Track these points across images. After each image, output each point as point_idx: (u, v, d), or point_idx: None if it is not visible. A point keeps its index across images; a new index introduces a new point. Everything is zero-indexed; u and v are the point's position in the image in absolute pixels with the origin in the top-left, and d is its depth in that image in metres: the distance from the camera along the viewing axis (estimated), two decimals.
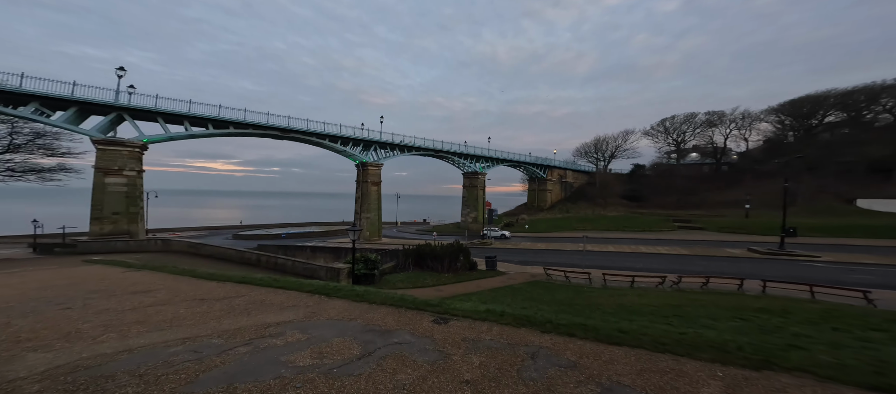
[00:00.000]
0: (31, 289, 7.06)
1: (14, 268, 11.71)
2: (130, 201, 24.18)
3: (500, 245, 31.97)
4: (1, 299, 5.93)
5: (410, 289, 13.79)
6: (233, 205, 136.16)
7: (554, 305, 9.22)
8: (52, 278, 8.52)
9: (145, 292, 6.51)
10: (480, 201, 52.79)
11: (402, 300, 6.09)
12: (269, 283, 7.67)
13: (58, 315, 4.58)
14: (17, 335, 3.64)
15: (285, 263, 16.67)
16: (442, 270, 17.25)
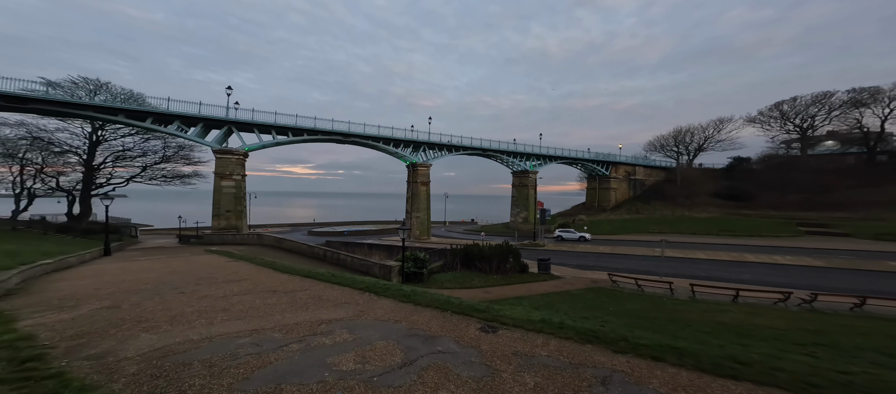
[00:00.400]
0: (165, 273, 8.92)
1: (162, 255, 15.17)
2: (237, 201, 29.53)
3: (554, 247, 29.71)
4: (146, 281, 7.57)
5: (457, 289, 13.34)
6: (308, 204, 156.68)
7: (624, 317, 7.90)
8: (180, 265, 10.73)
9: (236, 281, 7.62)
10: (531, 201, 50.05)
11: (448, 303, 5.84)
12: (328, 278, 8.26)
13: (172, 299, 5.57)
14: (141, 315, 4.49)
15: (345, 259, 18.13)
16: (490, 272, 16.72)
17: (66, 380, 2.27)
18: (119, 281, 7.44)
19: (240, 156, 29.38)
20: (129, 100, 26.00)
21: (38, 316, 4.25)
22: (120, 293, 5.98)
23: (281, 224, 51.64)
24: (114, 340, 3.43)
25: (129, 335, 3.59)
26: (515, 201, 53.34)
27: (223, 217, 28.77)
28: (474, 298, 10.66)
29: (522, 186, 51.84)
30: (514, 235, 34.56)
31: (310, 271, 9.33)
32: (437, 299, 6.10)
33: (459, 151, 46.74)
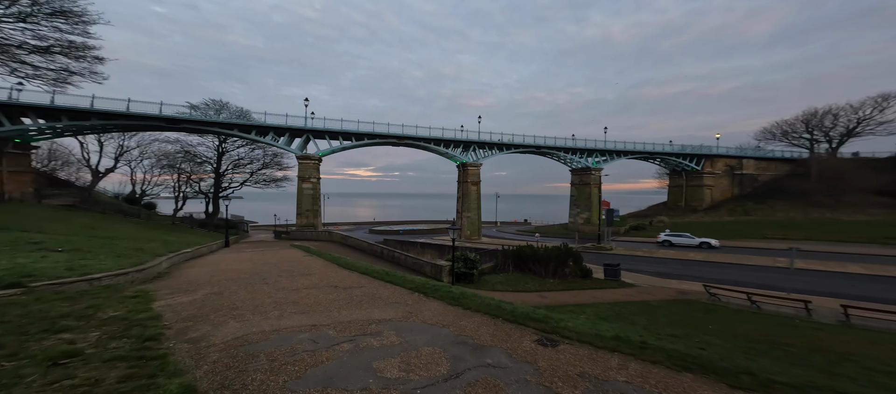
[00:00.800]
0: (259, 264, 10.60)
1: (260, 248, 18.23)
2: (314, 201, 34.08)
3: (626, 251, 26.13)
4: (244, 271, 9.04)
5: (509, 292, 12.79)
6: (368, 204, 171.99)
7: (733, 340, 6.24)
8: (270, 258, 12.71)
9: (307, 275, 8.56)
10: (595, 200, 45.15)
11: (499, 309, 5.41)
12: (382, 276, 8.61)
13: (258, 289, 6.46)
14: (234, 303, 5.29)
15: (400, 257, 19.02)
16: (546, 275, 15.56)
17: (166, 363, 2.65)
18: (228, 270, 9.06)
19: (315, 161, 33.78)
20: (240, 116, 32.15)
21: (169, 297, 5.35)
22: (225, 281, 7.24)
23: (347, 223, 57.54)
24: (210, 325, 4.01)
25: (220, 321, 4.18)
26: (575, 201, 48.71)
27: (304, 215, 33.47)
28: (528, 302, 9.92)
29: (583, 185, 47.03)
30: (574, 237, 31.53)
31: (367, 268, 9.94)
32: (487, 304, 5.71)
33: (511, 150, 44.95)
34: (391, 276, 8.68)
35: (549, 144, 45.94)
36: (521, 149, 45.51)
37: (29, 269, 5.45)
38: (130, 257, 8.46)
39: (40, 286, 4.77)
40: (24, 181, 25.28)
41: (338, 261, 11.60)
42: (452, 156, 41.28)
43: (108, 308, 4.18)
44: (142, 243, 12.37)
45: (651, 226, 41.37)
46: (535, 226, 58.44)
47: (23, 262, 5.98)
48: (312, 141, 33.94)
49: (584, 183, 46.96)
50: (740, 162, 48.61)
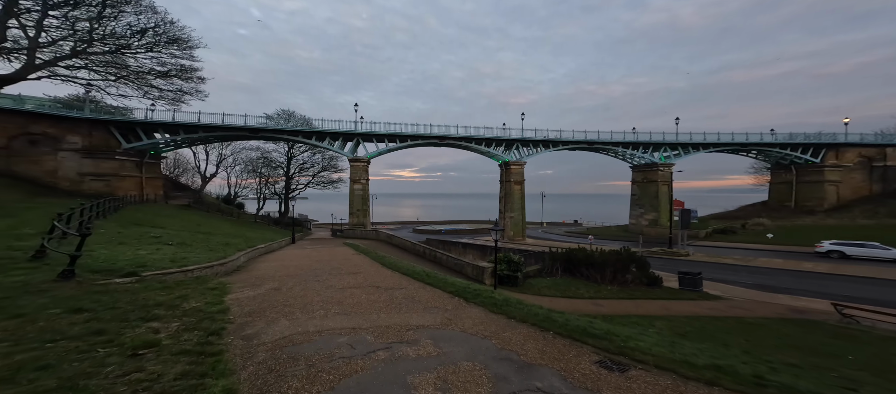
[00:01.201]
0: (314, 261, 11.53)
1: (318, 245, 20.15)
2: (364, 202, 36.68)
3: (709, 258, 22.16)
4: (302, 268, 9.92)
5: (558, 298, 11.90)
6: (412, 204, 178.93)
7: None
8: (324, 256, 13.83)
9: (353, 274, 8.99)
10: (663, 200, 39.48)
11: (550, 321, 4.79)
12: (422, 277, 8.55)
13: (310, 287, 6.92)
14: (287, 300, 5.71)
15: (441, 257, 19.04)
16: (602, 281, 14.08)
17: (218, 361, 2.81)
18: (289, 266, 10.05)
19: (364, 162, 36.25)
20: (303, 124, 36.23)
21: (238, 291, 6.03)
22: (285, 277, 7.98)
23: (392, 222, 60.56)
24: (264, 321, 4.30)
25: (273, 319, 4.47)
26: (637, 200, 43.21)
27: (355, 215, 36.20)
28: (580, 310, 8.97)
29: (648, 182, 41.45)
30: (637, 240, 27.73)
31: (408, 269, 10.04)
32: (534, 314, 5.13)
33: (558, 147, 41.87)
34: (431, 277, 8.56)
35: (605, 139, 41.45)
36: (569, 145, 42.00)
37: (145, 260, 6.75)
38: (218, 252, 9.97)
39: (149, 276, 5.81)
40: (157, 185, 32.48)
41: (382, 260, 12.02)
42: (494, 155, 40.14)
43: (191, 299, 4.82)
44: (229, 239, 14.62)
45: (745, 229, 34.21)
46: (586, 227, 53.45)
47: (142, 253, 7.48)
48: (361, 144, 36.45)
49: (648, 180, 41.21)
50: (883, 151, 37.08)
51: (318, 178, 45.15)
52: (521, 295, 14.35)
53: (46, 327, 3.07)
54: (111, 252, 6.99)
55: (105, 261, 6.05)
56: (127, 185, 28.06)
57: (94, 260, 6.04)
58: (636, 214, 42.23)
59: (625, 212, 46.90)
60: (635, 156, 41.43)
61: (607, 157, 44.35)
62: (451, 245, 34.95)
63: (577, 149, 43.23)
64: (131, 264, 6.12)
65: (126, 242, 8.46)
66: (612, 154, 43.01)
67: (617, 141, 41.06)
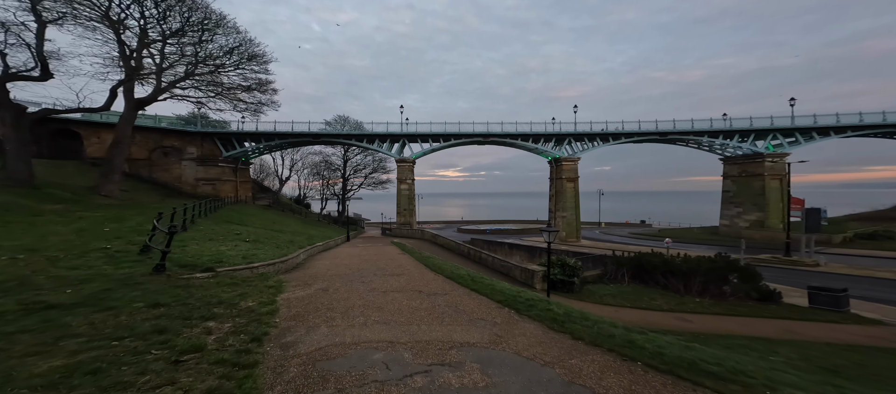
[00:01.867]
0: (362, 261, 11.77)
1: (368, 244, 21.22)
2: (410, 201, 37.95)
3: (849, 270, 17.07)
4: (350, 267, 10.24)
5: (626, 308, 10.60)
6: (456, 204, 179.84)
7: None
8: (372, 255, 14.18)
9: (397, 275, 8.85)
10: (772, 197, 32.03)
11: (634, 346, 3.73)
12: (467, 282, 7.92)
13: (354, 289, 6.91)
14: (331, 303, 5.70)
15: (486, 259, 18.17)
16: (687, 292, 12.02)
17: (249, 376, 2.64)
18: (340, 265, 10.49)
19: (410, 163, 37.40)
20: (356, 128, 39.13)
21: (291, 290, 6.29)
22: (334, 276, 8.24)
23: (437, 221, 61.45)
24: (305, 328, 4.21)
25: (314, 325, 4.36)
26: (732, 198, 35.71)
27: (402, 214, 37.64)
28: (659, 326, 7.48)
29: (749, 177, 34.00)
30: (736, 245, 22.44)
31: (453, 272, 9.54)
32: (609, 334, 4.08)
33: (620, 140, 36.99)
34: (477, 283, 7.88)
35: (684, 128, 35.12)
36: (635, 138, 36.70)
37: (223, 256, 7.64)
38: (283, 249, 10.98)
39: (223, 271, 6.46)
40: (247, 188, 38.78)
41: (427, 261, 11.79)
42: (543, 151, 37.32)
43: (249, 297, 5.08)
44: (294, 236, 16.26)
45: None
46: (658, 228, 46.01)
47: (222, 250, 8.54)
48: (407, 145, 37.65)
49: (748, 174, 33.65)
50: None
51: (369, 179, 48.57)
52: (578, 303, 12.73)
53: (124, 322, 3.37)
54: (200, 248, 8.14)
55: (192, 256, 7.01)
56: (227, 188, 34.14)
57: (185, 255, 7.05)
58: (731, 215, 34.64)
59: (709, 211, 38.93)
60: (728, 146, 33.95)
61: (687, 148, 37.45)
62: (496, 246, 33.58)
63: (645, 141, 37.50)
64: (212, 260, 6.95)
65: (215, 239, 9.88)
66: (694, 145, 36.07)
67: (701, 130, 34.25)
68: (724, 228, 36.57)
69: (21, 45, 15.13)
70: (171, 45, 21.33)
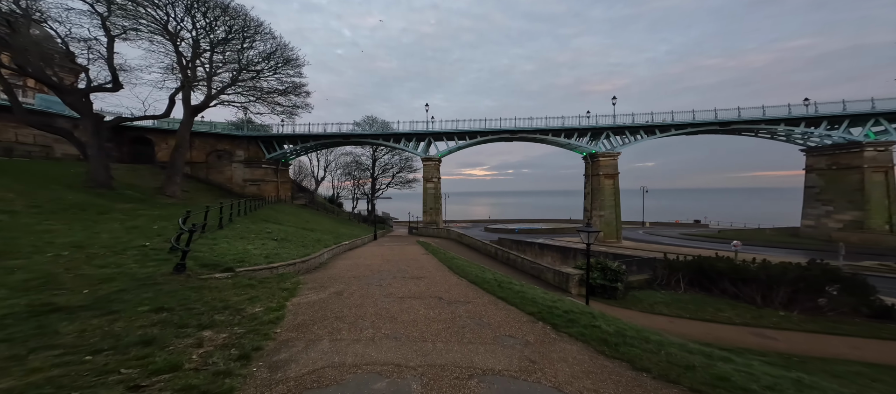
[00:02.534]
0: (383, 262, 11.25)
1: (392, 243, 21.08)
2: (436, 200, 37.64)
3: None
4: (371, 268, 9.88)
5: (685, 319, 9.29)
6: (483, 203, 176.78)
7: None
8: (394, 255, 13.66)
9: (417, 279, 8.25)
10: (876, 193, 26.85)
11: (730, 386, 2.68)
12: (494, 289, 7.06)
13: (370, 293, 6.44)
14: (341, 311, 5.24)
15: (515, 260, 16.98)
16: (765, 304, 10.57)
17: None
18: (361, 265, 10.25)
19: (436, 161, 37.01)
20: (384, 128, 39.76)
21: (305, 294, 5.99)
22: (352, 279, 7.90)
23: (464, 220, 60.64)
24: (304, 342, 3.73)
25: (316, 338, 3.87)
26: (818, 195, 30.30)
27: (428, 213, 37.46)
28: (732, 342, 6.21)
29: (842, 170, 28.74)
30: (831, 249, 18.40)
31: (477, 275, 8.73)
32: (687, 364, 3.10)
33: (668, 132, 32.97)
34: (505, 289, 6.99)
35: (752, 116, 30.29)
36: (687, 129, 32.46)
37: (247, 255, 7.70)
38: (308, 248, 11.06)
39: (242, 272, 6.40)
40: (286, 188, 41.59)
41: (450, 263, 11.11)
42: (577, 147, 34.53)
43: (259, 301, 4.80)
44: (323, 235, 16.63)
45: None
46: (716, 228, 40.35)
47: (249, 249, 8.69)
48: (433, 144, 37.30)
49: (843, 166, 28.16)
50: None
51: (396, 178, 49.41)
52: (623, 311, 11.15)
53: (116, 330, 3.16)
54: (228, 246, 8.36)
55: (218, 255, 7.12)
56: (269, 188, 36.91)
57: (212, 253, 7.20)
58: (817, 214, 29.07)
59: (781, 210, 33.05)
60: (812, 135, 28.37)
61: (752, 140, 32.11)
62: (525, 246, 31.83)
63: (702, 132, 32.95)
64: (235, 260, 7.00)
65: (246, 237, 10.23)
66: (765, 135, 30.86)
67: (775, 117, 29.09)
68: (808, 229, 30.52)
69: (99, 59, 17.41)
70: (217, 54, 23.27)
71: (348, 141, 39.97)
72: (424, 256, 12.84)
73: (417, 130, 36.59)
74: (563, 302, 6.44)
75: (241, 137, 35.62)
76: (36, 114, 22.38)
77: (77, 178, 17.13)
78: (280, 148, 37.10)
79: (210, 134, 35.33)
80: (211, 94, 23.48)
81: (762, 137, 33.37)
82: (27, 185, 13.19)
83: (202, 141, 34.90)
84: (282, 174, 40.09)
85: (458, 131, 36.18)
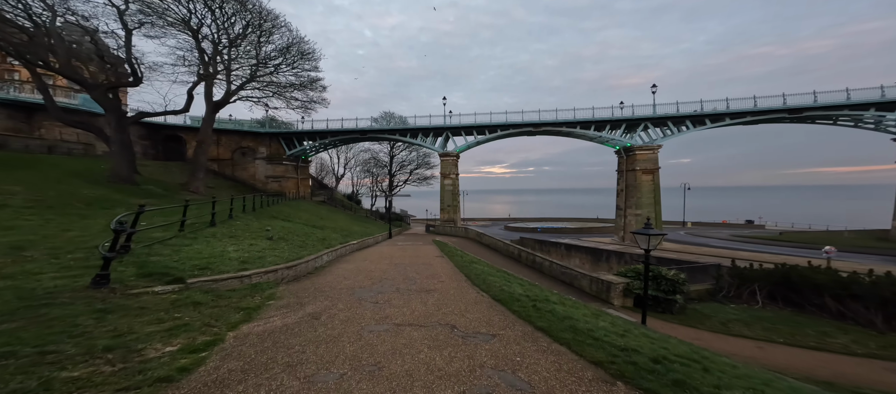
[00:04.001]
0: (390, 267, 9.26)
1: (405, 243, 19.22)
2: (454, 197, 35.79)
3: None
4: (372, 276, 8.26)
5: (779, 344, 7.22)
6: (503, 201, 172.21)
7: None
8: (406, 257, 11.59)
9: (427, 291, 6.44)
10: None
11: None
12: (529, 313, 4.99)
13: (355, 316, 4.70)
14: (317, 337, 3.56)
15: (542, 263, 14.68)
16: (889, 328, 7.70)
17: None
18: (361, 271, 8.60)
19: (454, 157, 35.09)
20: (401, 123, 38.41)
21: (268, 316, 4.39)
22: (343, 291, 6.27)
23: (482, 218, 58.25)
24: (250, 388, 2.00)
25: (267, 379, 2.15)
26: None
27: (445, 211, 35.70)
28: (865, 381, 4.37)
29: None
30: None
31: (503, 289, 6.76)
32: None
33: (722, 122, 28.83)
34: (543, 313, 4.96)
35: (829, 101, 25.61)
36: (746, 118, 28.28)
37: (218, 259, 6.28)
38: (307, 249, 9.65)
39: (198, 283, 4.92)
40: (306, 185, 41.81)
41: (469, 269, 9.21)
42: (609, 140, 31.02)
43: (182, 333, 3.25)
44: (330, 233, 15.39)
45: None
46: (776, 229, 34.90)
47: (228, 251, 7.30)
48: (451, 139, 35.43)
49: None
50: None
51: (414, 175, 48.20)
52: (688, 331, 8.73)
53: None
54: (202, 248, 6.91)
55: (178, 261, 5.62)
56: (289, 185, 37.12)
57: (172, 258, 5.74)
58: None
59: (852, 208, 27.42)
60: None
61: (805, 134, 27.12)
62: (550, 246, 29.09)
63: (763, 121, 28.37)
64: (198, 266, 5.57)
65: (236, 237, 8.95)
66: (846, 122, 25.70)
67: (865, 101, 24.20)
68: None
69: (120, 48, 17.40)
70: (236, 49, 23.06)
71: (365, 137, 39.20)
72: (439, 260, 11.04)
73: (434, 125, 34.91)
74: (643, 340, 4.32)
75: (264, 133, 36.05)
76: (77, 113, 23.53)
77: (103, 173, 17.35)
78: (299, 144, 37.13)
79: (235, 131, 36.13)
80: (230, 90, 23.38)
81: (843, 125, 27.77)
82: (46, 179, 13.18)
83: (228, 138, 35.75)
84: (302, 171, 40.28)
85: (476, 125, 34.02)
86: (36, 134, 24.74)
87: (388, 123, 39.02)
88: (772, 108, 26.63)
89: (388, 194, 48.21)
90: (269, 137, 36.25)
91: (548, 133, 34.62)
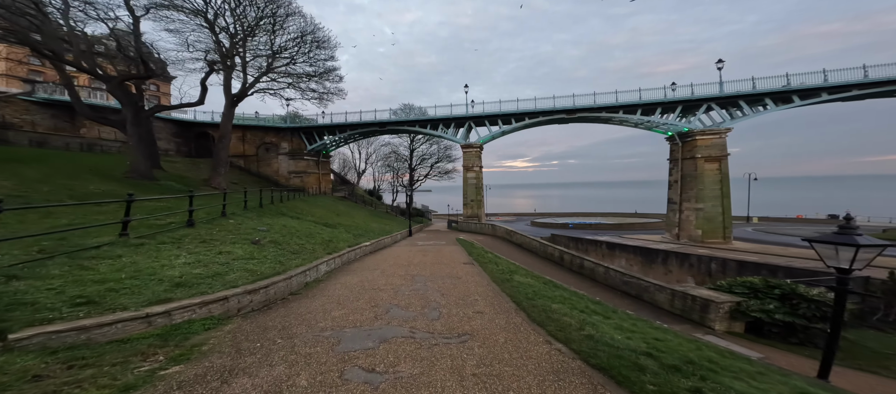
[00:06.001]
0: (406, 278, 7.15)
1: (426, 243, 16.42)
2: (477, 192, 32.84)
3: None
4: (375, 302, 5.86)
5: None
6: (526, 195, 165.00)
7: None
8: (427, 260, 9.44)
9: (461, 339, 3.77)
10: None
11: None
12: (632, 383, 2.28)
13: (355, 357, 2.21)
14: None
15: (595, 270, 11.50)
16: None
17: None
18: (364, 291, 6.19)
19: (477, 148, 31.96)
20: (421, 114, 35.98)
21: None
22: (324, 337, 3.85)
23: (506, 213, 54.61)
24: None
25: None
26: None
27: (469, 206, 32.90)
28: None
29: None
30: None
31: (583, 321, 3.96)
32: None
33: (818, 97, 23.46)
34: (663, 383, 2.09)
35: None
36: (852, 92, 22.37)
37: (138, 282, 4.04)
38: (299, 257, 7.46)
39: (43, 336, 2.65)
40: (327, 180, 41.14)
41: (512, 286, 6.48)
42: (661, 125, 26.18)
43: None
44: (342, 233, 13.32)
45: None
46: (877, 226, 27.99)
47: (170, 264, 5.06)
48: (474, 129, 32.34)
49: None
50: None
51: (435, 168, 45.87)
52: (867, 380, 5.55)
53: None
54: (133, 261, 4.77)
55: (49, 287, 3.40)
56: (311, 180, 36.48)
57: (40, 284, 3.53)
58: None
59: None
60: None
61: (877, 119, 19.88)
62: (588, 244, 25.28)
63: (873, 97, 22.18)
64: (81, 297, 3.35)
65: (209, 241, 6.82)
66: None
67: None
68: None
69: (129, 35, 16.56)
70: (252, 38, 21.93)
71: (385, 129, 37.35)
72: (467, 268, 8.40)
73: (456, 114, 32.02)
74: None
75: (286, 129, 35.51)
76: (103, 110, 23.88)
77: (122, 169, 16.86)
78: (320, 139, 36.17)
79: (259, 127, 35.99)
80: (247, 83, 22.39)
81: None
82: (53, 173, 12.46)
83: (253, 134, 35.70)
84: (323, 166, 39.55)
85: (501, 113, 30.59)
86: (79, 133, 25.84)
87: (408, 114, 36.78)
88: (891, 77, 20.31)
89: (409, 189, 46.41)
90: (291, 132, 35.64)
91: (583, 120, 30.28)
